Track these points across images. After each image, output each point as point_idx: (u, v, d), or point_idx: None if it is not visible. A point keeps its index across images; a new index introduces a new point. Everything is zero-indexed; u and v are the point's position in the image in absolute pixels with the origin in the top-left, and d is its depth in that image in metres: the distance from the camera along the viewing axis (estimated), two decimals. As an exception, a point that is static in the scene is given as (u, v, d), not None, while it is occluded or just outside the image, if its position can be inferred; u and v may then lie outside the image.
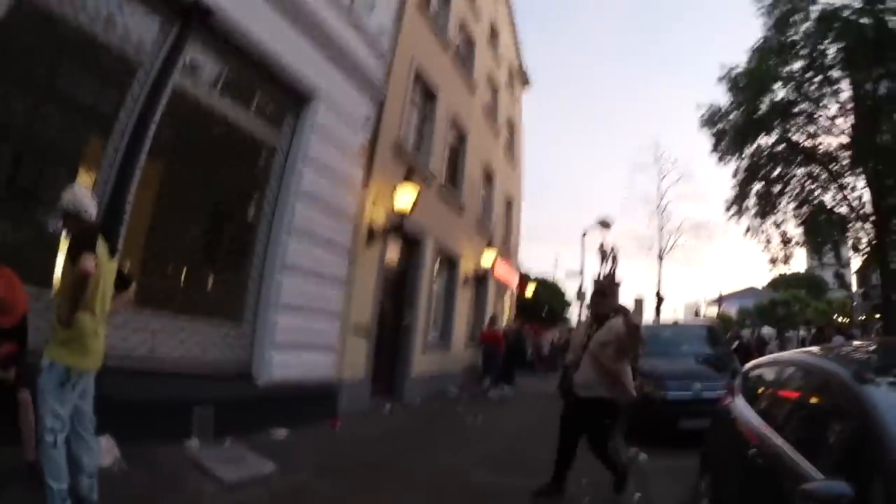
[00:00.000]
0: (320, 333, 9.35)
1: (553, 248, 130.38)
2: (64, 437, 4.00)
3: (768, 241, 24.79)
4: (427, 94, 14.23)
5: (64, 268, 4.20)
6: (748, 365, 6.01)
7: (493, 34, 20.45)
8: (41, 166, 6.20)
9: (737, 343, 20.43)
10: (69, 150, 6.31)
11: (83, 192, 4.41)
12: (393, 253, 12.40)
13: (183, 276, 7.62)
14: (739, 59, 23.24)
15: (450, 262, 16.45)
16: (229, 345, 7.91)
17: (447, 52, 15.32)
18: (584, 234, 26.87)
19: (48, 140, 6.04)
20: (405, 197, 11.04)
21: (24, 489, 4.40)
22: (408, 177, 11.13)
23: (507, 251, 22.79)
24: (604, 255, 26.70)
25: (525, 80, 25.80)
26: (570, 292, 34.44)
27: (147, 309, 6.67)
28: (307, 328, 8.91)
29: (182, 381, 6.93)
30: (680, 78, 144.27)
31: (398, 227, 11.41)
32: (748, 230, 25.03)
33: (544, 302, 30.79)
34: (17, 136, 5.82)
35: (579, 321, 8.02)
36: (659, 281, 32.49)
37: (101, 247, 4.17)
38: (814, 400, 3.88)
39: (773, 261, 25.53)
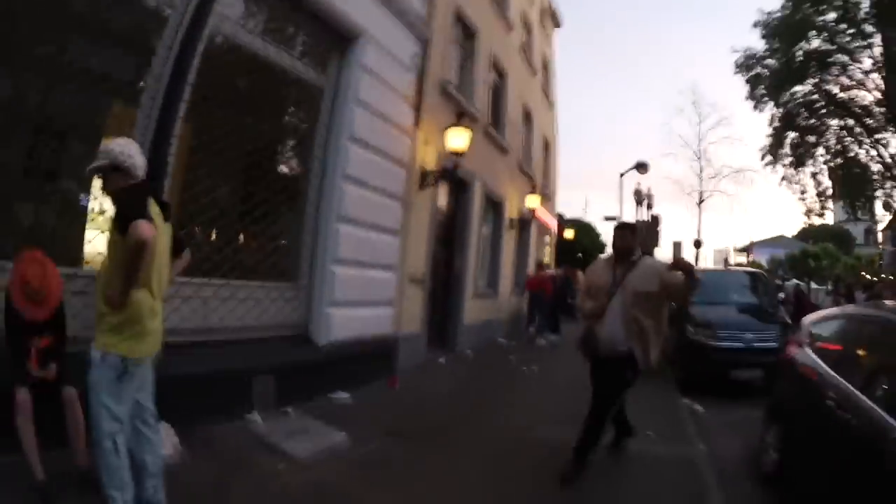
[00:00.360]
0: (378, 286, 8.70)
1: (587, 193, 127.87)
2: (124, 440, 3.32)
3: (803, 192, 24.53)
4: (467, 33, 13.22)
5: (109, 239, 3.40)
6: (812, 317, 6.11)
7: (523, -31, 19.21)
8: (66, 130, 5.27)
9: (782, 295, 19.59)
10: (98, 107, 5.51)
11: (130, 144, 3.54)
12: (442, 197, 11.71)
13: (232, 235, 6.79)
14: (776, 4, 22.55)
15: (495, 206, 15.68)
16: (285, 306, 7.24)
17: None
18: (622, 175, 25.77)
19: (72, 98, 5.20)
20: (459, 138, 10.26)
21: (78, 502, 3.76)
22: (458, 119, 10.41)
23: (546, 194, 21.93)
24: (639, 199, 25.97)
25: (556, 20, 24.67)
26: (605, 235, 33.68)
27: (196, 275, 5.83)
28: (365, 282, 8.26)
29: (238, 351, 6.28)
30: (715, 22, 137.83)
31: (452, 170, 10.70)
32: (784, 179, 24.77)
33: (582, 244, 30.11)
34: (35, 99, 5.01)
35: (596, 259, 7.19)
36: (699, 227, 31.56)
37: (154, 209, 3.38)
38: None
39: (809, 212, 25.25)
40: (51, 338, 4.05)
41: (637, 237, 5.43)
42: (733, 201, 39.67)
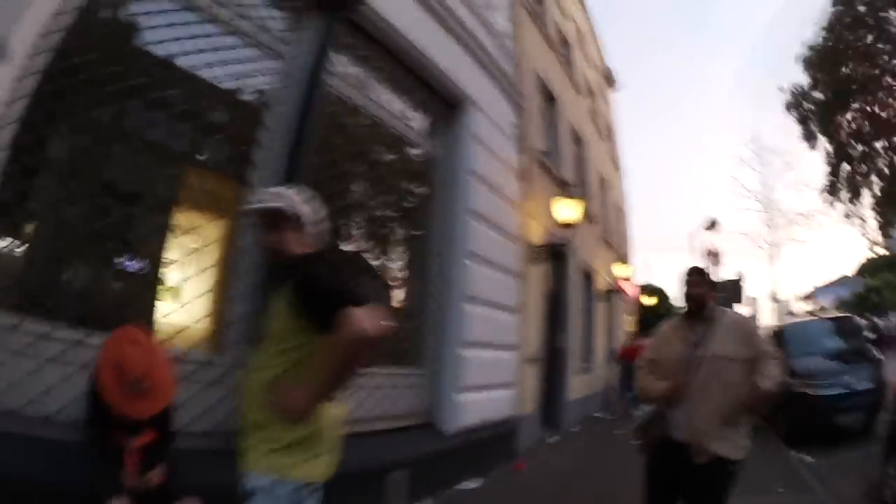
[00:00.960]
0: (501, 368, 8.08)
1: (655, 256, 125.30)
2: None
3: (864, 222, 24.02)
4: (548, 100, 12.75)
5: (280, 323, 2.38)
6: None
7: (580, 35, 18.86)
8: (151, 199, 4.51)
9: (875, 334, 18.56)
10: (193, 180, 4.83)
11: (309, 198, 2.64)
12: (545, 272, 11.03)
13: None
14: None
15: (587, 277, 15.03)
16: (411, 393, 6.58)
17: (555, 55, 13.80)
18: (692, 235, 24.86)
19: (161, 170, 4.52)
20: (569, 210, 9.69)
21: None
22: (562, 189, 9.83)
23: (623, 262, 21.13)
24: (709, 257, 25.23)
25: (614, 82, 24.28)
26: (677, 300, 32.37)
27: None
28: (489, 364, 7.63)
29: (369, 443, 5.53)
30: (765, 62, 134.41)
31: (562, 244, 10.05)
32: (845, 215, 24.36)
33: (656, 310, 28.90)
34: (125, 173, 4.28)
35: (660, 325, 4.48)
36: (774, 279, 30.30)
37: None
38: None
39: (872, 244, 24.97)
40: (152, 434, 3.20)
41: (712, 285, 4.01)
42: (803, 248, 38.39)
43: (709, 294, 3.82)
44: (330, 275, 2.41)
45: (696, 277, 3.84)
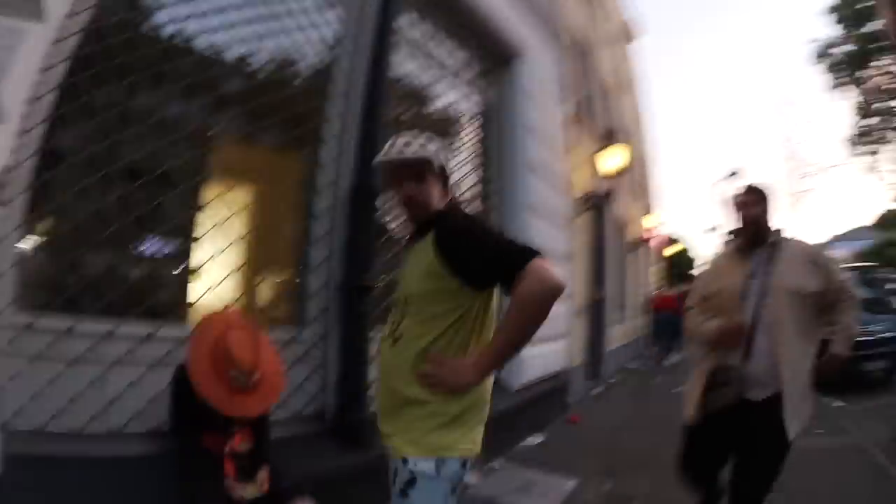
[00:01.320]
0: (557, 320, 7.91)
1: (675, 207, 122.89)
2: None
3: (884, 175, 24.11)
4: (581, 52, 12.45)
5: (426, 288, 2.02)
6: None
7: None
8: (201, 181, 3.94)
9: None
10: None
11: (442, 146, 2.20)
12: (587, 222, 11.00)
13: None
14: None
15: (619, 228, 15.02)
16: None
17: (585, 6, 13.56)
18: (714, 185, 24.65)
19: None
20: (615, 158, 9.62)
21: None
22: (608, 139, 9.77)
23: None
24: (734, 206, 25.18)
25: (635, 32, 23.88)
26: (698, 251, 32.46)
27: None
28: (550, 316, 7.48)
29: None
30: (787, 15, 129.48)
31: (607, 194, 10.03)
32: (867, 167, 24.43)
33: (678, 259, 28.95)
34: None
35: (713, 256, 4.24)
36: (793, 228, 30.03)
37: None
38: None
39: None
40: (249, 433, 2.73)
41: (770, 207, 3.25)
42: (822, 198, 38.20)
43: (767, 217, 3.22)
44: (494, 231, 2.06)
45: (752, 196, 3.21)
